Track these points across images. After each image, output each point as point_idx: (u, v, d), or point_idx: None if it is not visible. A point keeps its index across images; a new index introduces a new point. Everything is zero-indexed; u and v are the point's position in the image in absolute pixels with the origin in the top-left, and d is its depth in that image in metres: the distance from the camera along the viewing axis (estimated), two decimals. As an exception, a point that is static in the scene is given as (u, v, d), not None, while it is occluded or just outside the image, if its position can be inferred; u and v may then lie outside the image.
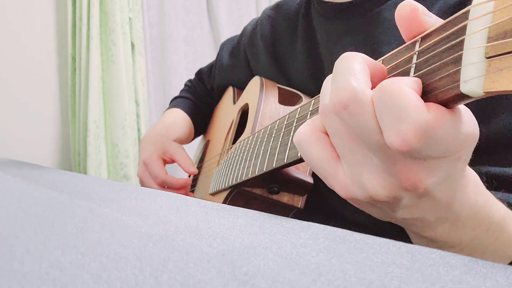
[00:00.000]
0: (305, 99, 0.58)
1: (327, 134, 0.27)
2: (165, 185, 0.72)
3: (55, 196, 0.29)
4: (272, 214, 0.25)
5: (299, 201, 0.49)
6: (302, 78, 0.61)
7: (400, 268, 0.14)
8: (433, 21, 0.23)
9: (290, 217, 0.26)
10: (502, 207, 0.30)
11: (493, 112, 0.38)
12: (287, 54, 0.65)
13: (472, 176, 0.28)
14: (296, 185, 0.49)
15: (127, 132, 1.54)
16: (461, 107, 0.22)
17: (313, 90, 0.59)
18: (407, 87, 0.21)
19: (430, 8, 0.44)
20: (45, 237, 0.18)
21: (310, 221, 0.23)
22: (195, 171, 0.73)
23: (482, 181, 0.29)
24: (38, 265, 0.14)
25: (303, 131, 0.28)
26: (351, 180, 0.25)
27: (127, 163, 1.54)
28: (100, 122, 1.52)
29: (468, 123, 0.23)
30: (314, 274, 0.13)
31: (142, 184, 0.76)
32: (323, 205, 0.52)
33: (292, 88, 0.63)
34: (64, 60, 1.61)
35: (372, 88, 0.23)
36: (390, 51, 0.26)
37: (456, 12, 0.20)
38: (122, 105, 1.53)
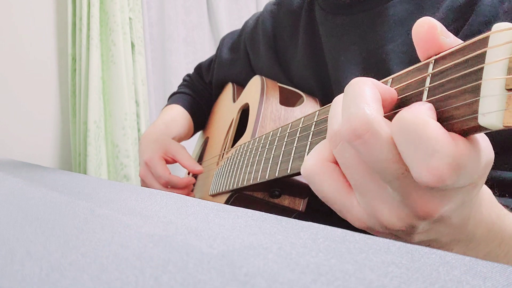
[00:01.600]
0: (306, 99, 0.58)
1: (337, 163, 0.26)
2: (169, 185, 0.71)
3: (55, 197, 0.29)
4: (271, 215, 0.25)
5: (300, 204, 0.49)
6: (303, 73, 0.61)
7: (400, 268, 0.14)
8: (451, 42, 0.22)
9: None
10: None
11: None
12: (289, 49, 0.64)
13: (486, 195, 0.27)
14: (298, 189, 0.49)
15: (127, 132, 1.54)
16: (479, 134, 0.22)
17: (314, 86, 0.59)
18: (431, 119, 0.20)
19: (438, 7, 0.44)
20: (45, 238, 0.18)
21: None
22: (201, 169, 0.72)
23: (493, 188, 0.29)
24: (39, 267, 0.14)
25: (312, 163, 0.26)
26: (365, 210, 0.25)
27: (127, 163, 1.54)
28: (100, 122, 1.52)
29: (486, 150, 0.22)
30: (313, 274, 0.13)
31: (144, 184, 0.75)
32: (324, 208, 0.52)
33: (293, 84, 0.63)
34: (64, 60, 1.61)
35: (385, 114, 0.23)
36: (394, 49, 0.25)
37: (464, 11, 0.20)
38: (122, 105, 1.53)
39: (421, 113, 0.20)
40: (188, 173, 0.86)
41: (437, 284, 0.13)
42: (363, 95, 0.23)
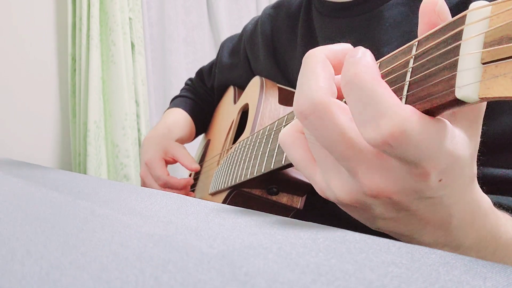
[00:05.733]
0: None
1: None
2: (167, 186, 0.72)
3: (56, 197, 0.29)
4: (271, 214, 0.25)
5: (298, 202, 0.49)
6: None
7: (400, 268, 0.14)
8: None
9: (290, 218, 0.26)
10: (510, 226, 0.29)
11: (496, 111, 0.38)
12: (287, 52, 0.65)
13: (481, 208, 0.27)
14: (295, 186, 0.49)
15: (127, 132, 1.54)
16: (456, 128, 0.22)
17: None
18: (382, 81, 0.21)
19: None
20: (45, 238, 0.18)
21: (310, 221, 0.23)
22: (197, 167, 0.73)
23: (484, 185, 0.28)
24: (39, 266, 0.14)
25: (285, 132, 0.28)
26: (323, 182, 0.26)
27: (127, 163, 1.54)
28: (100, 122, 1.52)
29: (456, 142, 0.22)
30: (313, 274, 0.13)
31: (144, 184, 0.77)
32: (322, 205, 0.52)
33: (292, 86, 0.63)
34: (64, 60, 1.61)
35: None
36: (390, 51, 0.26)
37: (457, 11, 0.20)
38: (122, 105, 1.53)
39: (373, 72, 0.21)
40: (190, 175, 0.87)
41: (437, 284, 0.13)
42: (313, 72, 0.24)
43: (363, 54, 0.22)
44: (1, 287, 0.12)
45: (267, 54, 0.68)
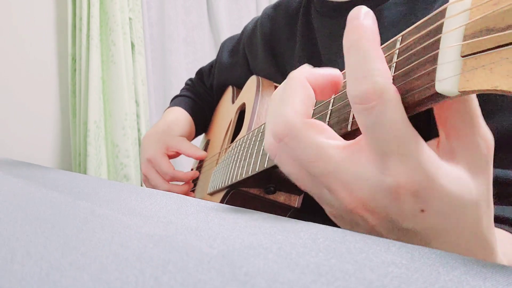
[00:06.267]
0: None
1: None
2: (174, 180, 0.73)
3: (56, 197, 0.29)
4: (271, 214, 0.25)
5: (295, 201, 0.49)
6: None
7: (400, 268, 0.14)
8: None
9: (288, 217, 0.26)
10: (501, 253, 0.26)
11: (495, 110, 0.38)
12: (286, 52, 0.65)
13: (471, 234, 0.24)
14: (292, 185, 0.49)
15: (127, 132, 1.54)
16: (454, 166, 0.21)
17: None
18: (378, 47, 0.21)
19: (430, 8, 0.44)
20: (45, 238, 0.18)
21: (308, 220, 0.23)
22: (204, 154, 0.74)
23: None
24: (38, 266, 0.14)
25: (266, 142, 0.27)
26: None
27: (128, 163, 1.54)
28: (100, 122, 1.52)
29: (444, 175, 0.21)
30: (313, 274, 0.13)
31: (146, 181, 0.77)
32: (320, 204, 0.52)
33: None
34: (64, 60, 1.61)
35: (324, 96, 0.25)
36: None
37: None
38: (122, 105, 1.53)
39: (373, 38, 0.21)
40: (192, 169, 0.88)
41: (437, 284, 0.13)
42: (290, 95, 0.24)
43: (365, 16, 0.22)
44: (1, 287, 0.12)
45: (266, 54, 0.68)
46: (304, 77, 0.25)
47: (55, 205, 0.26)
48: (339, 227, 0.22)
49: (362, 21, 0.21)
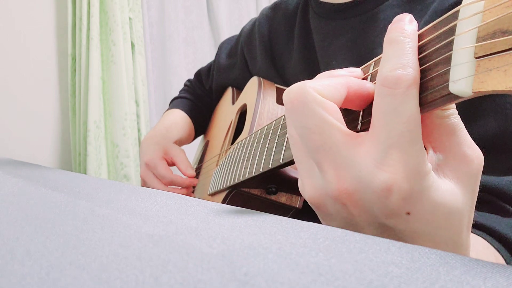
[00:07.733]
0: None
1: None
2: (172, 185, 0.73)
3: (56, 196, 0.29)
4: (271, 214, 0.25)
5: (297, 201, 0.49)
6: (298, 77, 0.61)
7: (400, 268, 0.14)
8: None
9: (289, 217, 0.26)
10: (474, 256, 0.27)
11: (477, 114, 0.38)
12: (284, 53, 0.65)
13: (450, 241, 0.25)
14: (294, 185, 0.49)
15: (127, 132, 1.54)
16: (444, 179, 0.22)
17: None
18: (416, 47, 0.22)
19: (426, 9, 0.44)
20: (45, 238, 0.18)
21: (309, 221, 0.23)
22: (192, 173, 0.74)
23: None
24: (39, 266, 0.14)
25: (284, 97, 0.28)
26: (300, 181, 0.27)
27: (127, 163, 1.54)
28: (100, 122, 1.52)
29: (438, 188, 0.22)
30: (313, 274, 0.13)
31: (145, 184, 0.77)
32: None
33: (288, 86, 0.63)
34: (64, 60, 1.61)
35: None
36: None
37: None
38: (122, 105, 1.53)
39: (413, 40, 0.22)
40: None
41: (437, 284, 0.13)
42: (325, 76, 0.25)
43: (410, 20, 0.23)
44: (1, 287, 0.12)
45: (264, 54, 0.68)
46: (351, 78, 0.25)
47: (55, 205, 0.26)
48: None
49: (406, 23, 0.23)
